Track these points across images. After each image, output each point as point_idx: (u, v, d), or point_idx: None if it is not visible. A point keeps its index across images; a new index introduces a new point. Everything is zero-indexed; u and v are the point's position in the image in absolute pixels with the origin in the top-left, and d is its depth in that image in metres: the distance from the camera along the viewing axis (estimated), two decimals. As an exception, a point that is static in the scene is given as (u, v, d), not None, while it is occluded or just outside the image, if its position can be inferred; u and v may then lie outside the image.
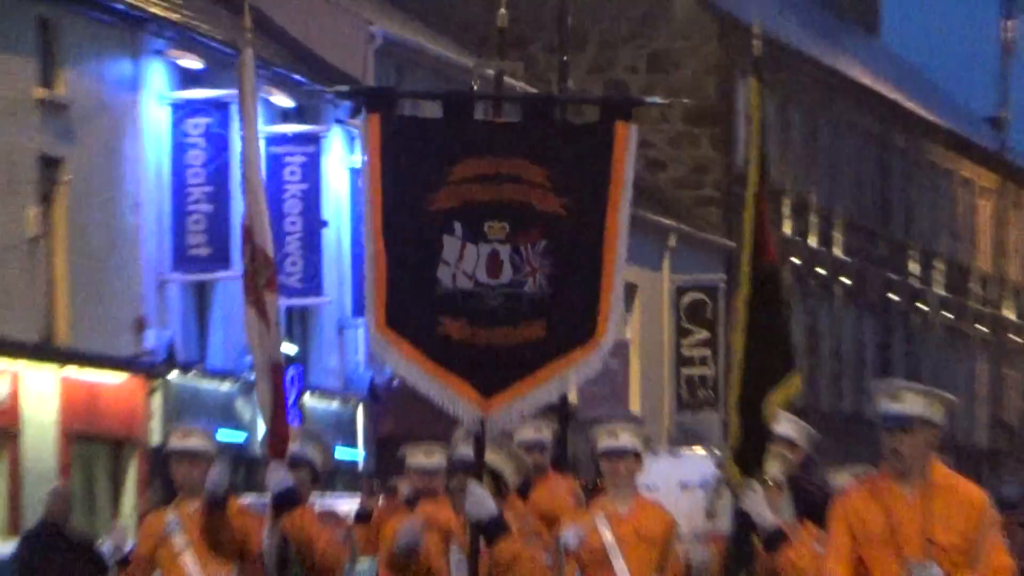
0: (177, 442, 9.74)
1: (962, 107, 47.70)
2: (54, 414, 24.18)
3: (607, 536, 9.65)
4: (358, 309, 25.85)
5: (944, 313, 44.06)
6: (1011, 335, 45.59)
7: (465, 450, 7.55)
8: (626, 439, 10.09)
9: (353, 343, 29.00)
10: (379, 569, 9.98)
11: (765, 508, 7.48)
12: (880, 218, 41.93)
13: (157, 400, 25.71)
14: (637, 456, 9.70)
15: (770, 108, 35.39)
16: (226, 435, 23.84)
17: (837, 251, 39.71)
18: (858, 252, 40.31)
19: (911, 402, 6.79)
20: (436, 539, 8.22)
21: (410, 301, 6.97)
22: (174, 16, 26.11)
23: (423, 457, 10.58)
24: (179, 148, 26.06)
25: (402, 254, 6.97)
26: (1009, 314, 45.47)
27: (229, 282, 24.77)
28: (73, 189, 24.83)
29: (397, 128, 7.05)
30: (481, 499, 6.95)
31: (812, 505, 8.66)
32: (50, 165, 24.41)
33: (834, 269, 39.56)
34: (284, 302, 25.83)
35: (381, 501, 12.11)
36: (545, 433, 11.74)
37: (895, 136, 42.82)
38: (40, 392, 23.79)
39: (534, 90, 25.90)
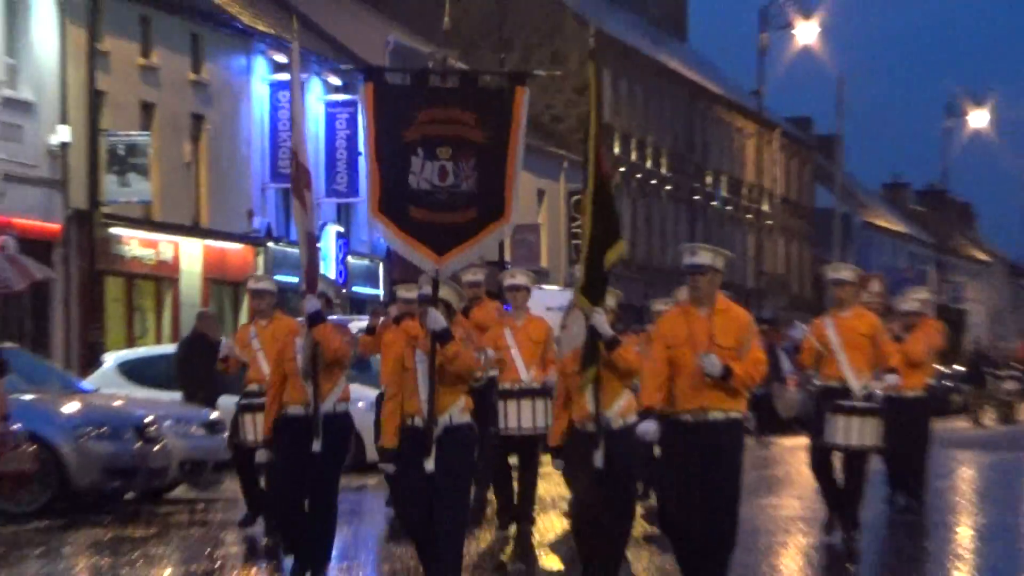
0: (252, 284, 14.51)
1: (736, 85, 71.27)
2: (199, 268, 35.30)
3: (509, 339, 14.10)
4: (377, 205, 40.48)
5: (727, 208, 66.02)
6: (767, 220, 69.84)
7: (426, 288, 10.04)
8: (521, 279, 14.80)
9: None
10: (381, 367, 14.05)
11: (605, 324, 10.00)
12: (688, 151, 62.88)
13: (260, 260, 37.53)
14: (528, 290, 14.68)
15: (612, 83, 54.03)
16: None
17: (663, 170, 59.34)
18: (675, 170, 60.84)
19: (704, 256, 9.94)
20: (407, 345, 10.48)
21: (392, 196, 9.97)
22: (270, 30, 38.54)
23: (405, 292, 13.58)
24: (273, 109, 38.34)
25: (387, 167, 10.02)
26: (765, 207, 69.17)
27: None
28: (210, 134, 36.14)
29: (383, 91, 10.12)
30: (436, 318, 9.68)
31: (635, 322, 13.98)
32: (198, 120, 35.82)
33: (661, 180, 59.43)
34: (335, 200, 39.50)
35: (381, 320, 14.82)
36: (480, 276, 15.44)
37: (697, 103, 64.28)
38: (191, 254, 34.90)
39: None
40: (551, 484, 15.87)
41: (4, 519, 15.95)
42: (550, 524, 15.42)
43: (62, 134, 29.98)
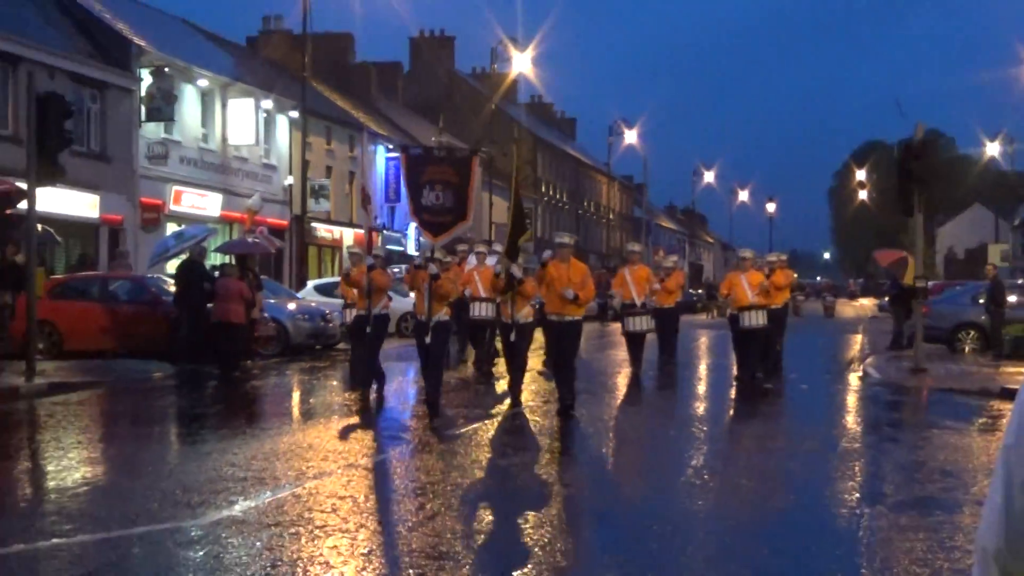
0: (353, 250, 22.67)
1: (598, 159, 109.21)
2: (352, 241, 53.23)
3: (476, 277, 24.23)
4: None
5: (593, 217, 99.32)
6: (611, 223, 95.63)
7: (436, 254, 18.42)
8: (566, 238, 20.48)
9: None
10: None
11: (518, 271, 18.70)
12: (576, 189, 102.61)
13: (379, 238, 56.71)
14: (485, 254, 25.23)
15: (541, 158, 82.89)
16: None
17: (564, 198, 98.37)
18: (570, 199, 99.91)
19: (565, 237, 18.85)
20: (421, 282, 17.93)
21: (416, 207, 18.52)
22: (382, 131, 62.27)
23: (423, 256, 20.27)
24: (385, 169, 62.06)
25: (414, 194, 18.53)
26: (610, 216, 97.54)
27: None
28: (356, 179, 55.77)
29: (409, 157, 19.06)
30: (432, 268, 17.67)
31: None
32: (351, 174, 58.35)
33: (562, 204, 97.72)
34: (388, 233, 59.69)
35: (410, 268, 21.61)
36: (461, 248, 27.02)
37: (580, 167, 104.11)
38: (347, 235, 56.07)
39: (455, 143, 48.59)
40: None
41: (260, 359, 27.71)
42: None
43: (289, 180, 50.94)
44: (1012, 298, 32.08)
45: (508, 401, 19.05)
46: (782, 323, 26.05)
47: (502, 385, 21.87)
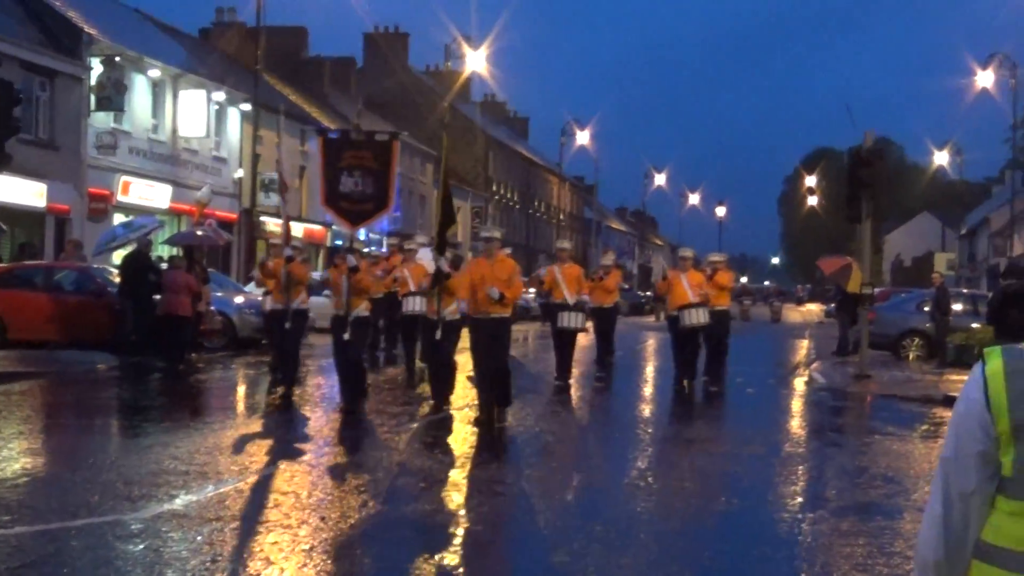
0: (275, 243, 24.11)
1: (550, 159, 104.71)
2: (301, 235, 54.81)
3: (407, 271, 22.94)
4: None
5: (543, 217, 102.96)
6: (561, 223, 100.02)
7: (355, 244, 18.42)
8: (421, 240, 25.87)
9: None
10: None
11: (445, 266, 17.66)
12: (526, 189, 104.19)
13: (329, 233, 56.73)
14: (416, 249, 23.96)
15: (494, 157, 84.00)
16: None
17: (516, 197, 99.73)
18: (521, 198, 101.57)
19: (494, 231, 17.38)
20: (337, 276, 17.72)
21: (332, 196, 17.87)
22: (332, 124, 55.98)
23: (357, 246, 20.04)
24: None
25: (330, 180, 17.91)
26: (561, 217, 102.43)
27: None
28: (308, 174, 53.52)
29: (327, 141, 18.52)
30: (350, 259, 17.21)
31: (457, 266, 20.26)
32: (302, 169, 57.13)
33: (514, 203, 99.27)
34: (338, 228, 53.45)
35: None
36: (391, 243, 29.86)
37: (531, 167, 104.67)
38: (295, 229, 53.08)
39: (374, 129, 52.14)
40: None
41: (206, 352, 27.59)
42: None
43: (239, 173, 50.52)
44: (957, 307, 32.32)
45: (434, 403, 18.52)
46: (726, 325, 25.25)
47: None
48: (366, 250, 21.68)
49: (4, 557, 8.71)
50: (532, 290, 51.39)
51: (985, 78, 58.60)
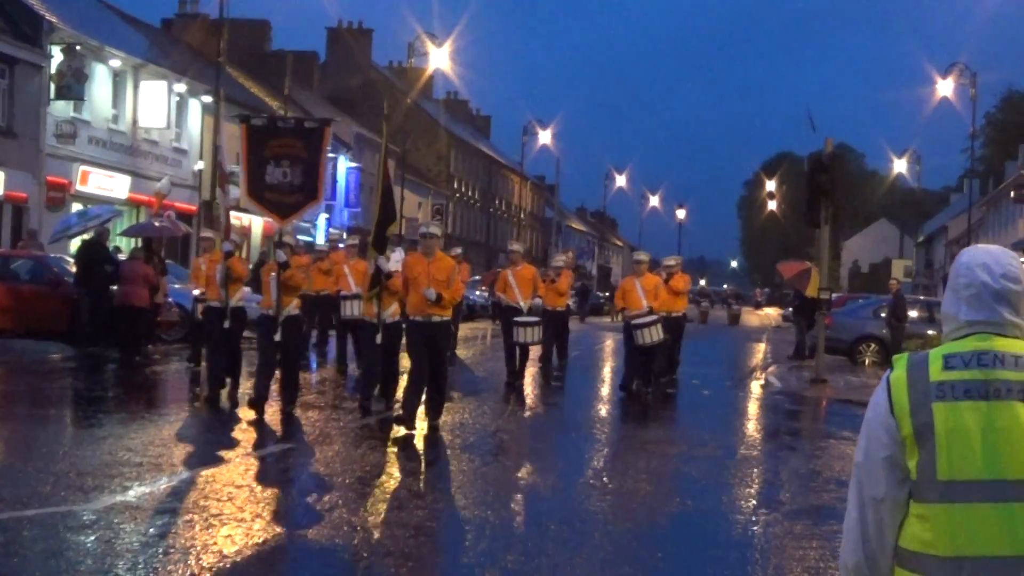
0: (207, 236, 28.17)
1: (512, 159, 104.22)
2: (261, 230, 53.03)
3: (347, 271, 23.18)
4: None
5: (504, 215, 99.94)
6: (522, 223, 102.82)
7: (286, 237, 16.89)
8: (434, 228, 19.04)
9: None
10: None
11: (386, 264, 16.44)
12: (487, 187, 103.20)
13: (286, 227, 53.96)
14: (356, 246, 24.28)
15: (456, 155, 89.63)
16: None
17: (476, 195, 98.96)
18: (482, 196, 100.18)
19: (433, 227, 15.87)
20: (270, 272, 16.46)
21: (256, 186, 16.42)
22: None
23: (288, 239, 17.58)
24: None
25: (255, 171, 16.41)
26: (521, 216, 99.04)
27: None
28: None
29: (251, 129, 16.85)
30: (280, 255, 16.06)
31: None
32: None
33: (475, 201, 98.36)
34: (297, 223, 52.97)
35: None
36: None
37: (492, 165, 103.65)
38: (256, 223, 52.28)
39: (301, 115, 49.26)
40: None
41: (163, 344, 27.29)
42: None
43: (199, 165, 49.35)
44: (913, 313, 32.54)
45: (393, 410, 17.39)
46: (680, 331, 24.82)
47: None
48: (315, 245, 21.12)
49: (-47, 546, 8.63)
50: (482, 290, 51.45)
51: (945, 87, 58.94)
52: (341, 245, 25.48)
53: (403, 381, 16.96)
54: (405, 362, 16.25)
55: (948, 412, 3.37)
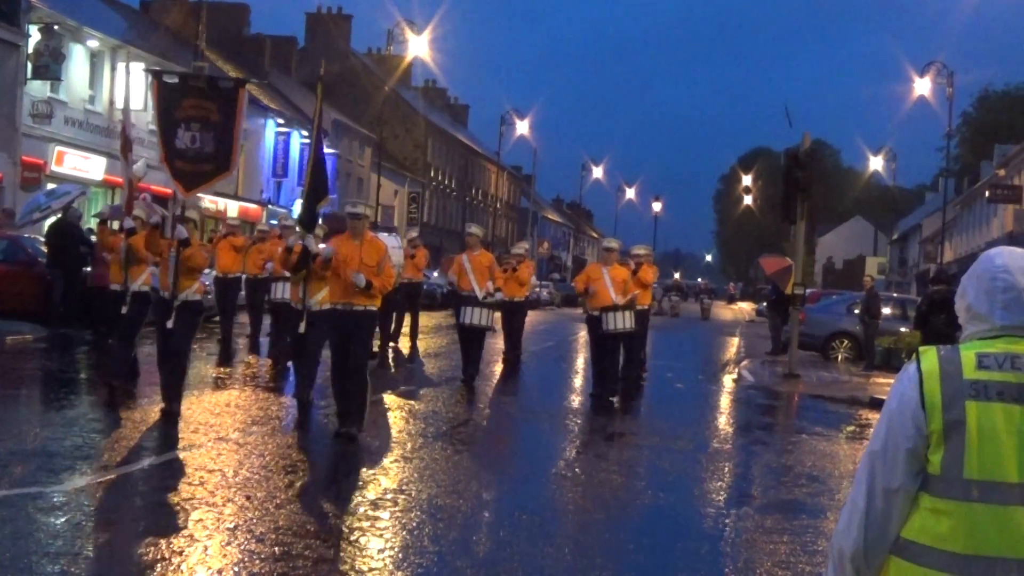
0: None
1: (488, 148, 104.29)
2: (236, 213, 54.59)
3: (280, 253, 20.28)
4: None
5: (480, 204, 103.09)
6: (498, 212, 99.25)
7: (188, 213, 14.69)
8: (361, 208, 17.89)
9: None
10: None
11: (315, 245, 14.48)
12: (464, 176, 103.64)
13: (264, 213, 56.47)
14: (293, 227, 19.13)
15: (432, 144, 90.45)
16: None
17: (453, 184, 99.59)
18: (458, 185, 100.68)
19: (361, 208, 14.20)
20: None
21: (169, 153, 14.44)
22: (272, 106, 60.23)
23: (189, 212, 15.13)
24: (275, 144, 61.61)
25: (167, 134, 14.55)
26: (498, 206, 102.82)
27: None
28: (246, 151, 59.05)
29: (162, 86, 14.73)
30: (180, 231, 14.16)
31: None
32: (241, 147, 52.59)
33: (451, 189, 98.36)
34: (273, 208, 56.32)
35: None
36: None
37: (469, 154, 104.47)
38: (231, 208, 54.11)
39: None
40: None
41: None
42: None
43: None
44: (886, 311, 32.57)
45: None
46: (645, 326, 23.20)
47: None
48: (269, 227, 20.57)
49: (-78, 525, 8.59)
50: (436, 275, 51.30)
51: (922, 86, 59.09)
52: (274, 223, 24.47)
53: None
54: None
55: (981, 411, 3.39)
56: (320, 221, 16.23)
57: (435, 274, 52.69)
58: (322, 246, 14.51)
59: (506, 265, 24.34)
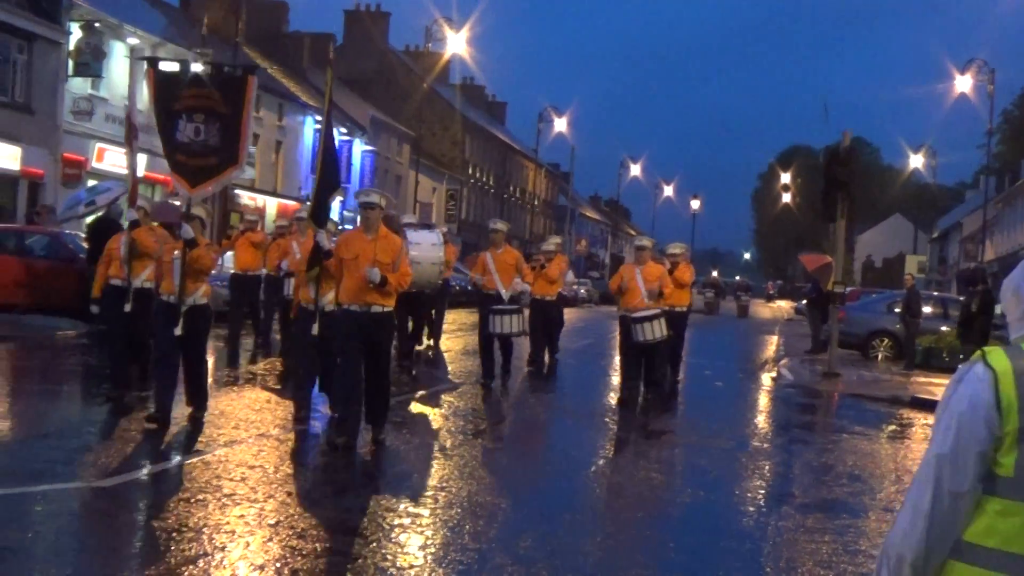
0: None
1: (527, 145, 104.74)
2: (275, 210, 54.91)
3: (296, 248, 20.33)
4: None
5: (518, 202, 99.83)
6: (535, 210, 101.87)
7: (194, 210, 13.53)
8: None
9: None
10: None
11: (326, 241, 13.26)
12: (502, 173, 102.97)
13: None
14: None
15: (471, 141, 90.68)
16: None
17: (491, 181, 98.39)
18: (496, 183, 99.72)
19: (375, 197, 12.83)
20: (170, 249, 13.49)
21: (170, 146, 13.51)
22: (312, 103, 58.41)
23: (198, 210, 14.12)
24: (314, 140, 58.09)
25: (167, 128, 13.52)
26: (535, 203, 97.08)
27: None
28: (284, 150, 60.84)
29: (160, 75, 13.81)
30: (187, 231, 13.01)
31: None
32: (279, 143, 60.79)
33: (488, 187, 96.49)
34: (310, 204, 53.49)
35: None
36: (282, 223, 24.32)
37: (507, 151, 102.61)
38: (270, 204, 53.03)
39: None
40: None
41: None
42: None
43: None
44: (927, 309, 32.41)
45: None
46: (683, 329, 21.99)
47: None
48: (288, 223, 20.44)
49: (-35, 520, 8.64)
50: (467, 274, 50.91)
51: (963, 83, 58.80)
52: (300, 215, 23.47)
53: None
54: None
55: None
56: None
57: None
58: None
59: (534, 263, 23.26)
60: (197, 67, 14.33)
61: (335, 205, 62.53)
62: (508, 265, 20.07)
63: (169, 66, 14.25)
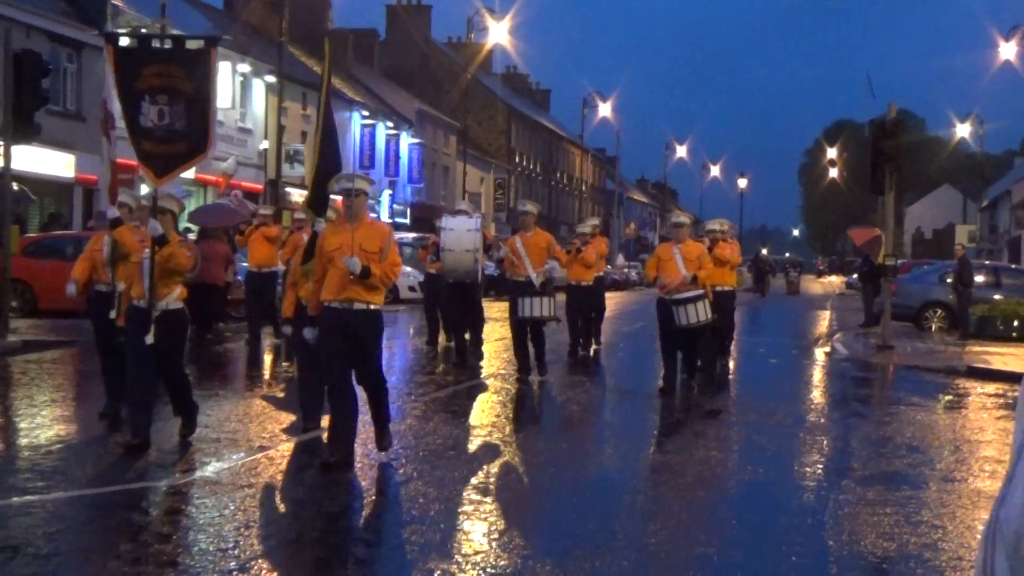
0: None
1: (572, 131, 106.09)
2: None
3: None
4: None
5: (565, 187, 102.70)
6: (583, 195, 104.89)
7: (162, 201, 12.09)
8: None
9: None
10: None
11: (323, 229, 11.43)
12: (548, 160, 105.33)
13: None
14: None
15: (516, 129, 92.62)
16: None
17: (537, 168, 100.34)
18: (543, 169, 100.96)
19: (359, 182, 11.40)
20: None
21: (135, 132, 11.94)
22: (358, 98, 62.39)
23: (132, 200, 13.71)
24: (361, 136, 62.57)
25: (130, 111, 11.99)
26: (583, 188, 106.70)
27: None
28: None
29: (119, 52, 12.27)
30: (154, 227, 11.60)
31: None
32: None
33: (536, 174, 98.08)
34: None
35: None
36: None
37: (553, 138, 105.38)
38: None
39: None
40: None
41: (232, 321, 27.85)
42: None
43: (264, 144, 50.96)
44: (979, 278, 32.30)
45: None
46: (730, 310, 20.66)
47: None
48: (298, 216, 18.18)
49: (40, 522, 8.81)
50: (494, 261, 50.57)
51: (1008, 50, 58.24)
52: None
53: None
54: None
55: None
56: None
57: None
58: None
59: (569, 246, 22.24)
60: (156, 42, 12.52)
61: (384, 199, 62.90)
62: (539, 248, 18.83)
63: (127, 41, 12.79)
